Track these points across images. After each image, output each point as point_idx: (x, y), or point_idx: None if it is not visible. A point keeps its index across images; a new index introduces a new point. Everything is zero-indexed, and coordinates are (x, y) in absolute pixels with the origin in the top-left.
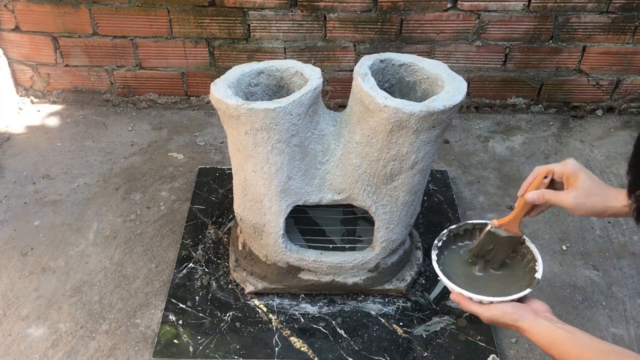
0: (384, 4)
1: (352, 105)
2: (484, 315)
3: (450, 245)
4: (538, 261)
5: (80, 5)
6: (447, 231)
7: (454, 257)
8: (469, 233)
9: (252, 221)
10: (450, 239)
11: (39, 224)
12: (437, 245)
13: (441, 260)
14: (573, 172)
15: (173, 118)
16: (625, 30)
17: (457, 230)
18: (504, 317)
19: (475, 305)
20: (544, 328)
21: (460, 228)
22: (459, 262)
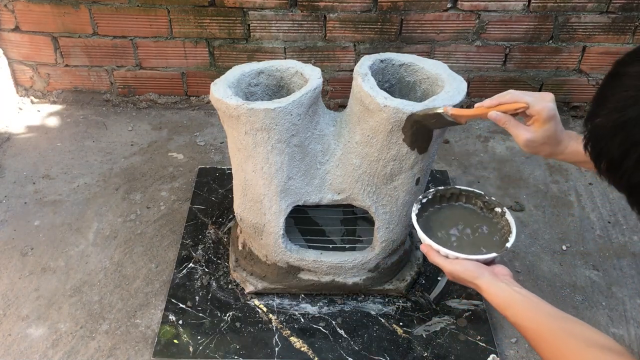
0: (384, 4)
1: (352, 105)
2: (447, 269)
3: (434, 204)
4: (512, 233)
5: (80, 5)
6: (434, 190)
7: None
8: (455, 197)
9: (252, 221)
10: (435, 198)
11: (39, 224)
12: (421, 200)
13: (422, 216)
14: (546, 118)
15: (173, 118)
16: (625, 30)
17: (444, 191)
18: (464, 272)
19: (441, 259)
20: (501, 290)
21: (448, 191)
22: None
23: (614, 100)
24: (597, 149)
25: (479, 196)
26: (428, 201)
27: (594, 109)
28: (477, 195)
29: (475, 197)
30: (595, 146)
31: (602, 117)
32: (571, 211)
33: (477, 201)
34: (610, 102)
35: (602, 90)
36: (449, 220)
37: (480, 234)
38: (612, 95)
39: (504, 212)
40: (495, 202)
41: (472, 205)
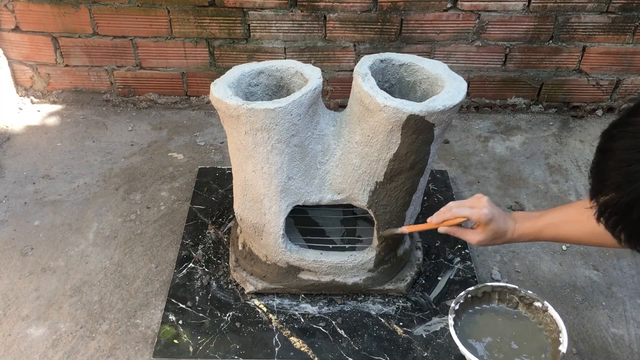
0: (384, 4)
1: (352, 105)
2: None
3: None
4: (562, 332)
5: (80, 5)
6: (465, 293)
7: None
8: (487, 295)
9: (252, 221)
10: (467, 301)
11: (39, 224)
12: (455, 308)
13: (458, 325)
14: (485, 223)
15: (173, 118)
16: (625, 30)
17: (475, 292)
18: None
19: None
20: None
21: (479, 290)
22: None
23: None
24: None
25: (513, 291)
26: (460, 306)
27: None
28: (511, 291)
29: (510, 293)
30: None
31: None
32: None
33: (513, 297)
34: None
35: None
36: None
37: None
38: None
39: (546, 308)
40: (533, 296)
41: (506, 303)
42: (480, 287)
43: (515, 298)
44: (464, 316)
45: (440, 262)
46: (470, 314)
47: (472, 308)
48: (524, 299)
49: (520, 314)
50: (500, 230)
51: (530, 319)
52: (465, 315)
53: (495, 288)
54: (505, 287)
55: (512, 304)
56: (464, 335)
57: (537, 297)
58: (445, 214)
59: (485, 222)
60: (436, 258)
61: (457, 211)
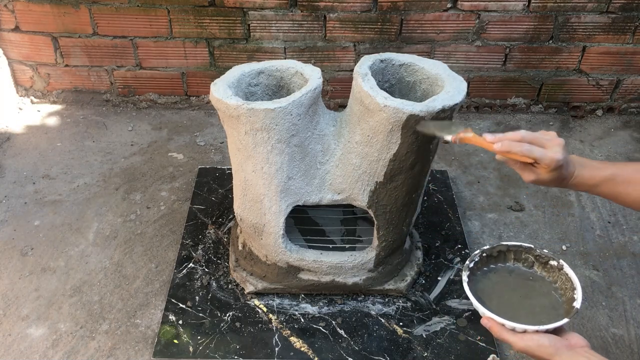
0: (384, 4)
1: (352, 105)
2: (518, 345)
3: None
4: (577, 290)
5: (80, 5)
6: (480, 251)
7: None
8: (502, 255)
9: (252, 221)
10: (482, 260)
11: (39, 224)
12: (469, 266)
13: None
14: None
15: (173, 118)
16: (625, 30)
17: (490, 251)
18: (539, 349)
19: (508, 333)
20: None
21: (494, 249)
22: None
23: None
24: None
25: (529, 250)
26: (475, 265)
27: None
28: (526, 250)
29: (525, 252)
30: None
31: None
32: (571, 211)
33: (528, 256)
34: None
35: None
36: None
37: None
38: None
39: (562, 266)
40: (549, 254)
41: (522, 262)
42: (495, 246)
43: (530, 257)
44: (479, 274)
45: (440, 262)
46: (485, 271)
47: (487, 267)
48: (539, 258)
49: (535, 274)
50: (562, 176)
51: (545, 279)
52: (480, 273)
53: (510, 247)
54: (521, 246)
55: (528, 263)
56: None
57: (552, 255)
58: (513, 146)
59: (553, 168)
60: (436, 258)
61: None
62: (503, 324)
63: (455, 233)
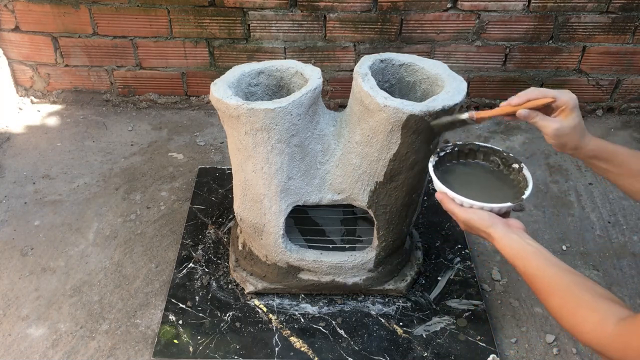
0: (384, 4)
1: (352, 105)
2: (461, 217)
3: (452, 160)
4: (529, 187)
5: (80, 5)
6: (452, 145)
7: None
8: (473, 153)
9: (252, 221)
10: (453, 153)
11: (39, 224)
12: (439, 153)
13: (439, 168)
14: (572, 108)
15: (173, 118)
16: (625, 30)
17: (462, 146)
18: (478, 221)
19: (455, 206)
20: (513, 241)
21: (466, 146)
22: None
23: None
24: None
25: (497, 152)
26: (446, 155)
27: None
28: (495, 152)
29: (494, 154)
30: None
31: None
32: (571, 211)
33: (495, 158)
34: None
35: None
36: (466, 175)
37: (496, 188)
38: None
39: (522, 168)
40: (513, 158)
41: (489, 162)
42: (467, 143)
43: (497, 159)
44: (447, 164)
45: (440, 262)
46: (454, 163)
47: (457, 160)
48: (505, 160)
49: (498, 171)
50: (582, 125)
51: (507, 176)
52: (449, 164)
53: (481, 147)
54: (491, 148)
55: (494, 164)
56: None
57: (516, 159)
58: (530, 94)
59: (572, 106)
60: (436, 258)
61: (544, 91)
62: (453, 198)
63: (455, 233)
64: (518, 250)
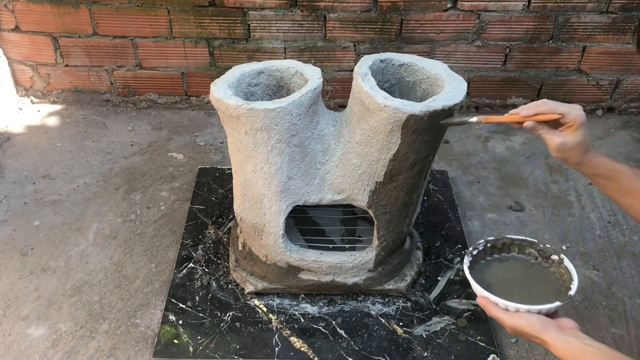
0: (384, 4)
1: (352, 105)
2: (508, 323)
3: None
4: (574, 281)
5: (80, 5)
6: (484, 241)
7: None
8: (506, 247)
9: (252, 221)
10: (486, 250)
11: (39, 224)
12: (472, 252)
13: (474, 268)
14: (578, 125)
15: (173, 118)
16: (625, 30)
17: (494, 242)
18: (528, 327)
19: (501, 312)
20: (571, 345)
21: (498, 241)
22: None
23: None
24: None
25: (532, 244)
26: (479, 253)
27: None
28: (530, 244)
29: (529, 246)
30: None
31: None
32: (571, 211)
33: (531, 250)
34: None
35: None
36: (503, 273)
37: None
38: None
39: (562, 259)
40: (551, 249)
41: (525, 255)
42: (500, 238)
43: (533, 252)
44: (481, 262)
45: (440, 262)
46: (488, 260)
47: (491, 256)
48: (542, 252)
49: (537, 265)
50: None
51: (547, 269)
52: (483, 261)
53: (515, 240)
54: (525, 240)
55: (532, 256)
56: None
57: (554, 250)
58: (539, 107)
59: (579, 123)
60: (436, 258)
61: (554, 106)
62: (496, 302)
63: (455, 233)
64: (578, 354)
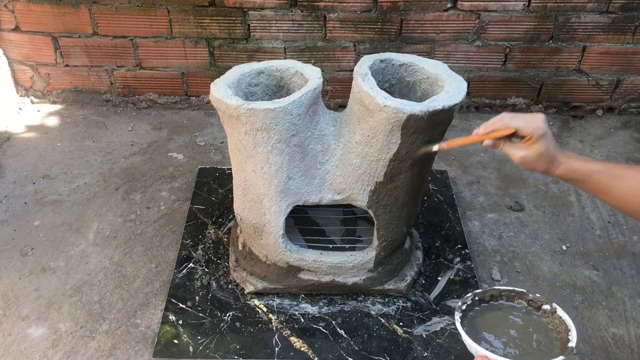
0: (384, 4)
1: (352, 105)
2: None
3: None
4: (572, 331)
5: (80, 5)
6: (472, 294)
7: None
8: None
9: (252, 221)
10: (475, 303)
11: (39, 224)
12: (461, 307)
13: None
14: (536, 138)
15: (173, 118)
16: (625, 30)
17: (482, 294)
18: None
19: None
20: None
21: (487, 293)
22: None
23: None
24: None
25: (522, 295)
26: (467, 307)
27: None
28: (519, 295)
29: (518, 297)
30: None
31: None
32: (571, 211)
33: (521, 300)
34: None
35: None
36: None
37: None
38: None
39: (555, 309)
40: (542, 298)
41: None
42: (487, 290)
43: (523, 302)
44: (471, 314)
45: (440, 262)
46: (477, 311)
47: (479, 306)
48: (532, 302)
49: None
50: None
51: (540, 318)
52: (472, 313)
53: (503, 292)
54: (513, 291)
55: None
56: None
57: (545, 299)
58: (495, 124)
59: (537, 136)
60: (436, 258)
61: (510, 121)
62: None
63: (455, 233)
64: None
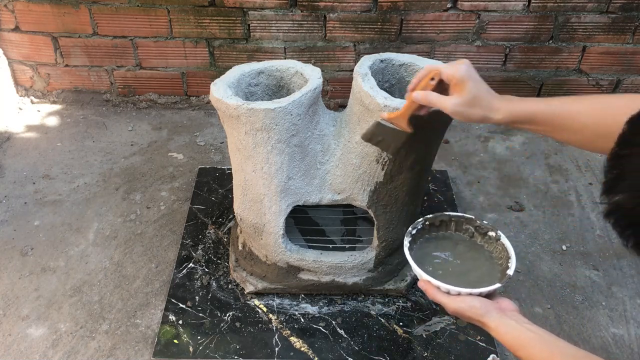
0: (384, 4)
1: (352, 105)
2: (450, 307)
3: (424, 234)
4: (512, 259)
5: (80, 5)
6: (423, 219)
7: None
8: (444, 224)
9: (252, 221)
10: (425, 228)
11: (39, 224)
12: (411, 232)
13: (413, 248)
14: (461, 79)
15: (173, 118)
16: (625, 30)
17: (432, 219)
18: (470, 310)
19: (442, 295)
20: (511, 328)
21: (437, 218)
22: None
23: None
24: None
25: (470, 221)
26: (418, 232)
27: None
28: (467, 220)
29: (466, 222)
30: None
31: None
32: (571, 211)
33: (469, 227)
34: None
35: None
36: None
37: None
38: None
39: (499, 237)
40: (488, 225)
41: (462, 232)
42: (437, 215)
43: (471, 228)
44: (421, 241)
45: None
46: (427, 239)
47: (429, 234)
48: (479, 229)
49: (475, 243)
50: (482, 96)
51: (483, 248)
52: (422, 240)
53: (452, 217)
54: (463, 217)
55: (468, 233)
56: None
57: (491, 226)
58: (419, 74)
59: (459, 77)
60: None
61: (432, 66)
62: (438, 286)
63: None
64: (518, 339)
